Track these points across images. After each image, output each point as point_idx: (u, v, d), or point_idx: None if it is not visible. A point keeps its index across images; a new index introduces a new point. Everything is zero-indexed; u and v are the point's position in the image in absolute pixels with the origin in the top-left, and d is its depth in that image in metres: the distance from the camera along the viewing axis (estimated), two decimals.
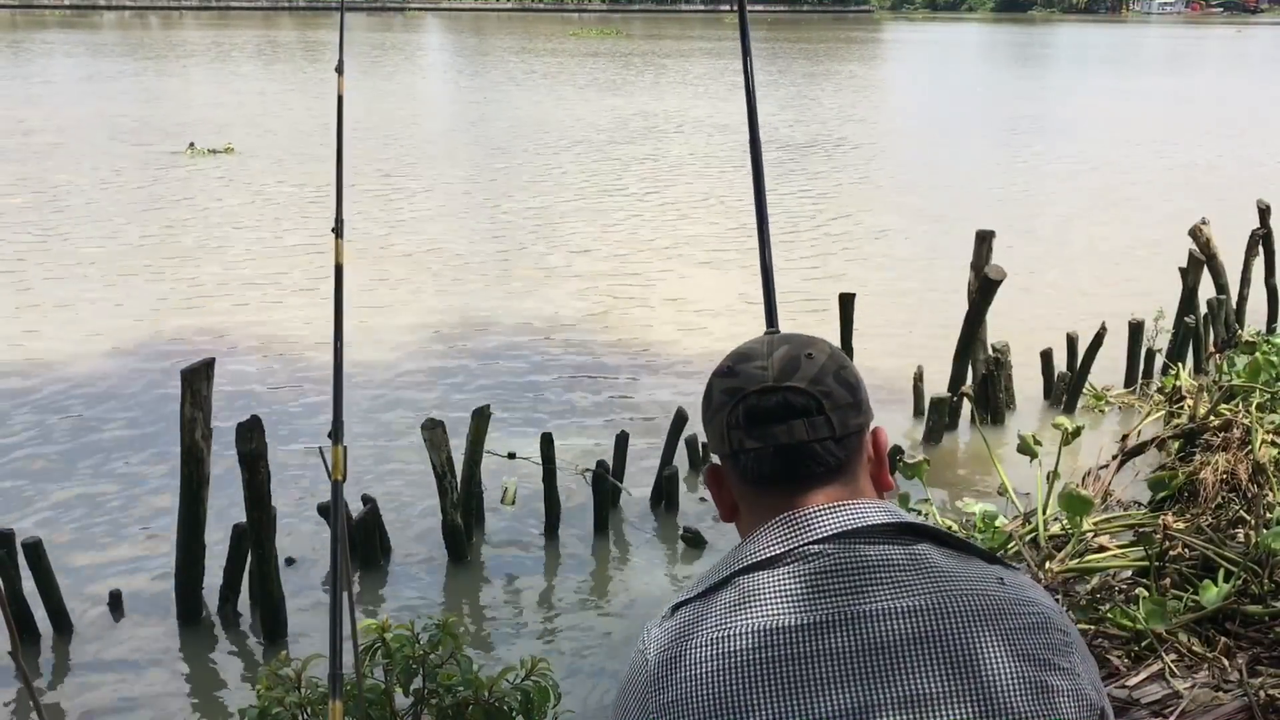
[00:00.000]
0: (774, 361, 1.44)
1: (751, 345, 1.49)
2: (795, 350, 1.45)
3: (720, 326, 10.42)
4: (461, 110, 29.68)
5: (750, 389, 1.43)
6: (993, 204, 16.65)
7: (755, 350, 1.47)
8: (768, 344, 1.48)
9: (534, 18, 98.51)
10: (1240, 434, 5.82)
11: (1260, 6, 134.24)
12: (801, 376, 1.42)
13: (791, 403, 1.41)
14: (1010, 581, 1.37)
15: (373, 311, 10.69)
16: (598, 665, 5.34)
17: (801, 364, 1.43)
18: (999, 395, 8.12)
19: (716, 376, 1.49)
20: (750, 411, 1.42)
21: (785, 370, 1.43)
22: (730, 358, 1.50)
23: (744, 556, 1.39)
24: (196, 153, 20.12)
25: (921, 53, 61.78)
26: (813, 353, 1.45)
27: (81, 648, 5.48)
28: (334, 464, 2.93)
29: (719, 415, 1.45)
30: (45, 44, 51.54)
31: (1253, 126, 26.83)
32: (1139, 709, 3.99)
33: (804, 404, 1.41)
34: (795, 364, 1.43)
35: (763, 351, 1.46)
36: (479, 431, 6.27)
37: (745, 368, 1.45)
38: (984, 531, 5.50)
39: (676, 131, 24.56)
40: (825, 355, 1.45)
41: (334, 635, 2.73)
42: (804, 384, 1.42)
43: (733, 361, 1.48)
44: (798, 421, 1.41)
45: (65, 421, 8.17)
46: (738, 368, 1.46)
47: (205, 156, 19.83)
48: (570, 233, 14.60)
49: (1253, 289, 9.72)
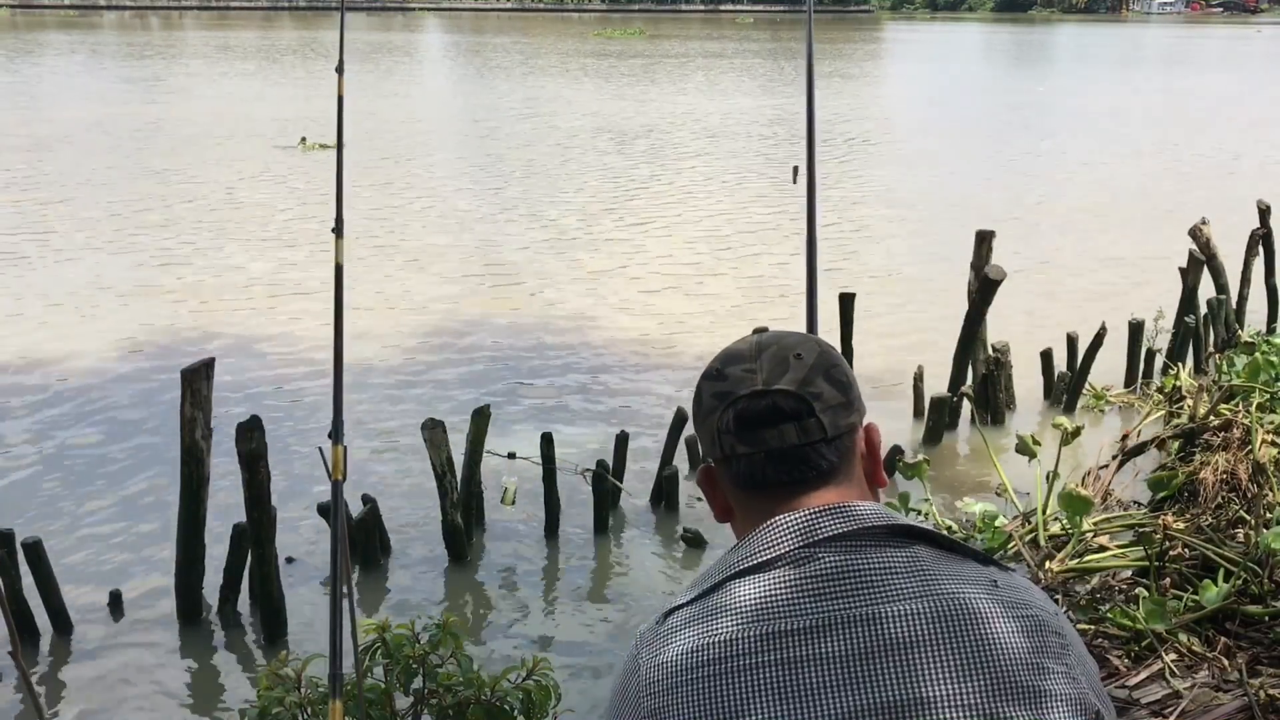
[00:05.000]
0: (762, 364, 1.42)
1: (739, 346, 1.47)
2: (783, 351, 1.43)
3: (721, 326, 10.40)
4: (462, 111, 29.67)
5: (739, 393, 1.41)
6: (993, 203, 16.63)
7: (742, 352, 1.45)
8: (755, 345, 1.46)
9: (534, 17, 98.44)
10: (1240, 434, 5.82)
11: (1260, 6, 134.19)
12: (790, 379, 1.40)
13: (781, 406, 1.39)
14: (1004, 584, 1.36)
15: (373, 311, 10.69)
16: (598, 665, 5.34)
17: (790, 365, 1.41)
18: (999, 395, 8.12)
19: (705, 379, 1.47)
20: (740, 416, 1.40)
21: (774, 373, 1.41)
22: (718, 359, 1.48)
23: (737, 561, 1.38)
24: (308, 147, 20.51)
25: (922, 52, 61.72)
26: (801, 353, 1.43)
27: (81, 648, 5.47)
28: (334, 464, 2.94)
29: (709, 419, 1.44)
30: (89, 46, 51.52)
31: (1256, 125, 26.81)
32: (1139, 709, 3.99)
33: (794, 407, 1.39)
34: (784, 366, 1.41)
35: (750, 353, 1.44)
36: (479, 431, 6.27)
37: (733, 370, 1.44)
38: (984, 531, 5.50)
39: (682, 131, 24.54)
40: (814, 355, 1.43)
41: (334, 635, 2.73)
42: (793, 386, 1.40)
43: (720, 364, 1.46)
44: (788, 425, 1.39)
45: (65, 421, 8.17)
46: (726, 370, 1.44)
47: (315, 150, 20.16)
48: (571, 233, 14.60)
49: (1253, 289, 9.71)
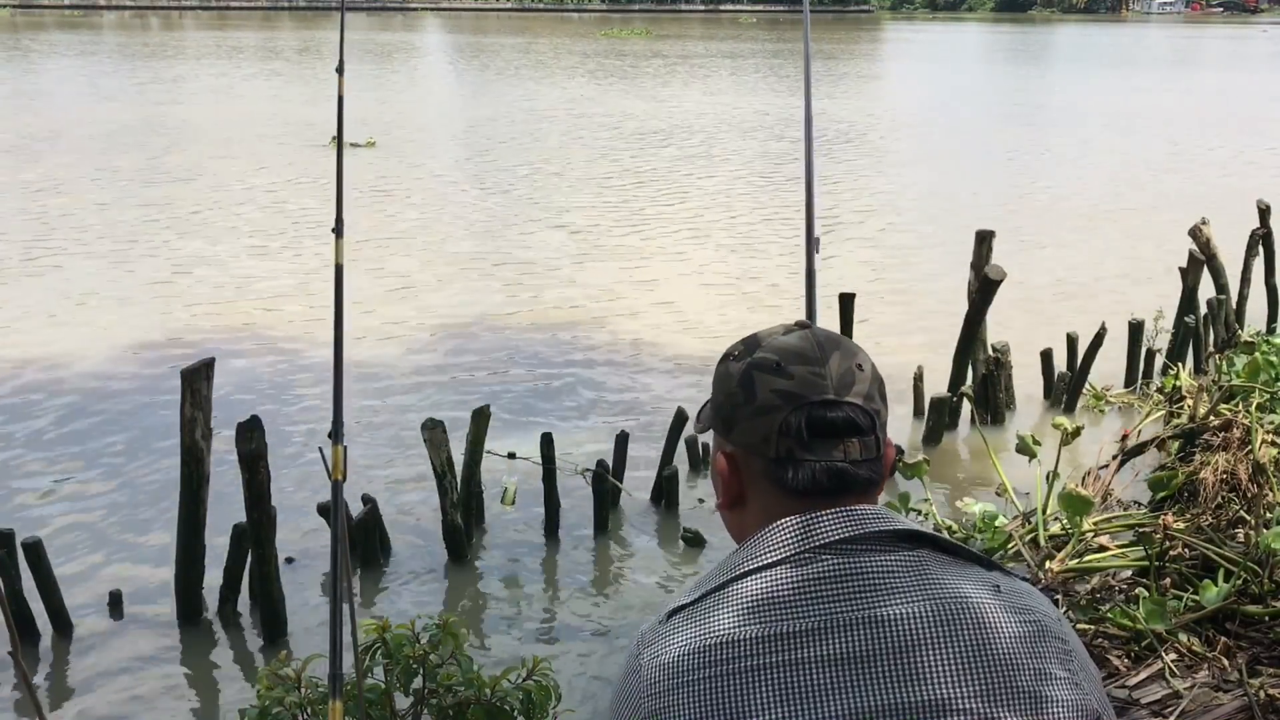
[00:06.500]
0: (830, 370, 1.38)
1: (797, 343, 1.41)
2: (846, 360, 1.40)
3: (721, 326, 10.41)
4: (465, 109, 29.66)
5: (811, 398, 1.36)
6: (993, 203, 16.64)
7: (805, 351, 1.39)
8: (817, 345, 1.40)
9: (534, 17, 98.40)
10: (1240, 434, 5.81)
11: (1260, 6, 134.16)
12: (859, 392, 1.38)
13: (856, 421, 1.37)
14: (1007, 589, 1.35)
15: (373, 311, 10.69)
16: (598, 665, 5.34)
17: (856, 377, 1.39)
18: (999, 395, 8.12)
19: (760, 370, 1.39)
20: (814, 424, 1.36)
21: (843, 382, 1.38)
22: (773, 350, 1.41)
23: (742, 562, 1.37)
24: (333, 144, 20.52)
25: (922, 52, 61.70)
26: (862, 364, 1.41)
27: (81, 647, 5.48)
28: (334, 464, 2.93)
29: (770, 416, 1.37)
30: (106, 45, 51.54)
31: (1259, 124, 26.81)
32: (1139, 709, 3.99)
33: (865, 423, 1.37)
34: (850, 376, 1.38)
35: (814, 355, 1.39)
36: (479, 431, 6.27)
37: (799, 370, 1.38)
38: (984, 531, 5.49)
39: (682, 131, 24.54)
40: (870, 368, 1.42)
41: (334, 635, 2.73)
42: (861, 400, 1.38)
43: (779, 357, 1.39)
44: (854, 440, 1.37)
45: (65, 421, 8.17)
46: (790, 368, 1.38)
47: (347, 150, 19.94)
48: (571, 233, 14.60)
49: (1253, 289, 9.72)
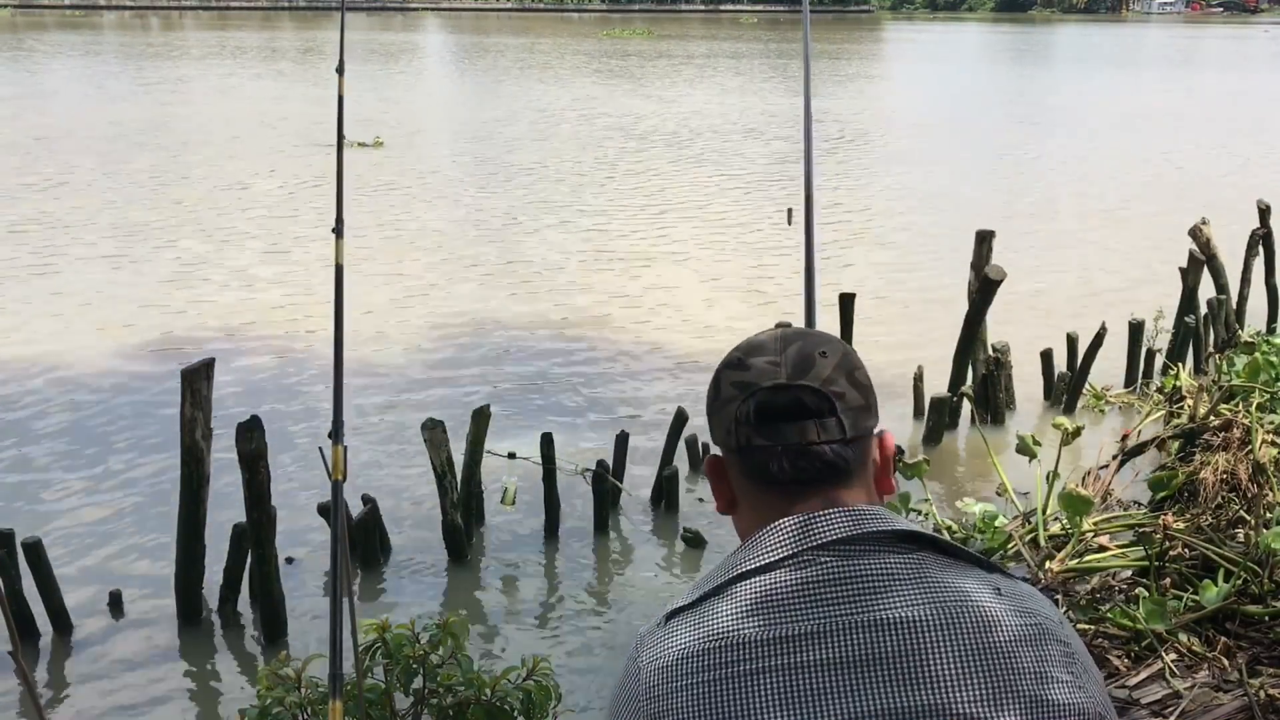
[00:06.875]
0: (787, 358, 1.40)
1: (763, 338, 1.46)
2: (809, 348, 1.42)
3: (720, 326, 10.40)
4: (472, 109, 29.66)
5: (762, 385, 1.39)
6: (993, 203, 16.64)
7: (767, 344, 1.43)
8: (780, 339, 1.44)
9: (534, 17, 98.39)
10: (1240, 434, 5.81)
11: (1260, 6, 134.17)
12: (815, 376, 1.39)
13: (804, 402, 1.38)
14: (1008, 591, 1.34)
15: (374, 311, 10.69)
16: (598, 665, 5.34)
17: (815, 362, 1.40)
18: (999, 395, 8.12)
19: (726, 368, 1.45)
20: (761, 408, 1.38)
21: (799, 368, 1.40)
22: (740, 349, 1.46)
23: (740, 562, 1.36)
24: (347, 145, 20.30)
25: (922, 52, 61.71)
26: (826, 351, 1.42)
27: (81, 648, 5.48)
28: (334, 464, 2.93)
29: (728, 407, 1.42)
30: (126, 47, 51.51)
31: (1260, 124, 26.81)
32: (1139, 709, 3.99)
33: (817, 404, 1.38)
34: (809, 362, 1.40)
35: (775, 346, 1.43)
36: (479, 431, 6.27)
37: (757, 361, 1.42)
38: (984, 532, 5.50)
39: (682, 131, 24.54)
40: (839, 355, 1.42)
41: (334, 635, 2.73)
42: (817, 384, 1.39)
43: (743, 353, 1.44)
44: (809, 422, 1.38)
45: (65, 421, 8.17)
46: (749, 360, 1.42)
47: (354, 149, 20.02)
48: (572, 233, 14.60)
49: (1253, 289, 9.72)
